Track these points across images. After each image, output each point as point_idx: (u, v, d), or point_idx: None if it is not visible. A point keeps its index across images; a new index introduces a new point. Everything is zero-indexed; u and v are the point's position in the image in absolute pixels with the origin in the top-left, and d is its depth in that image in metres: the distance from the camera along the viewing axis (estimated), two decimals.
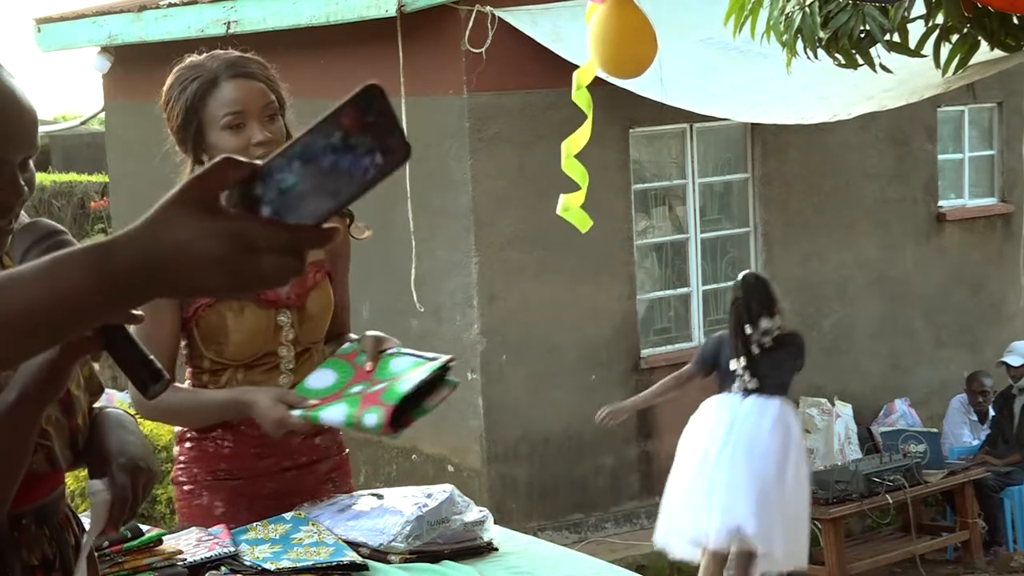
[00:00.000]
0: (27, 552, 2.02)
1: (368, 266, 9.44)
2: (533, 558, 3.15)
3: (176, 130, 3.35)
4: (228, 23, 9.60)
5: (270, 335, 3.36)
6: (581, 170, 4.84)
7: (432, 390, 3.12)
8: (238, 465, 3.36)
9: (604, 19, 4.38)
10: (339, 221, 3.52)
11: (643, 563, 8.62)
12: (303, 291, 3.42)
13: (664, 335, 9.85)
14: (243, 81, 3.31)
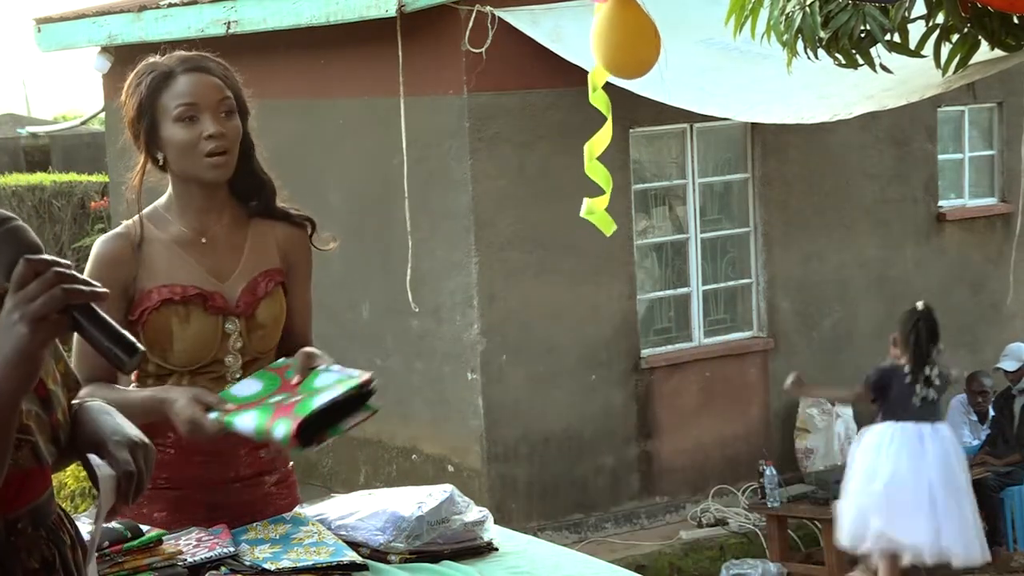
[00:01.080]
0: (26, 555, 2.02)
1: (368, 266, 9.44)
2: (533, 558, 3.15)
3: (130, 124, 3.34)
4: (228, 23, 9.60)
5: (216, 343, 3.27)
6: (605, 173, 4.82)
7: (353, 410, 3.02)
8: (181, 474, 3.26)
9: (607, 19, 4.37)
10: (296, 230, 3.43)
11: (643, 563, 8.63)
12: (253, 300, 3.32)
13: (664, 335, 9.85)
14: (198, 75, 3.28)
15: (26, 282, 1.84)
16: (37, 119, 22.02)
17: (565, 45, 8.54)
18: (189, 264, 3.27)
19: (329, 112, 9.66)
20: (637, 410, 9.54)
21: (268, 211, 3.41)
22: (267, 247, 3.39)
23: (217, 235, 3.35)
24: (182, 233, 3.33)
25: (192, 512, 3.20)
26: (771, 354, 10.09)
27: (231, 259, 3.34)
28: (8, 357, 1.83)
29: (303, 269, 3.47)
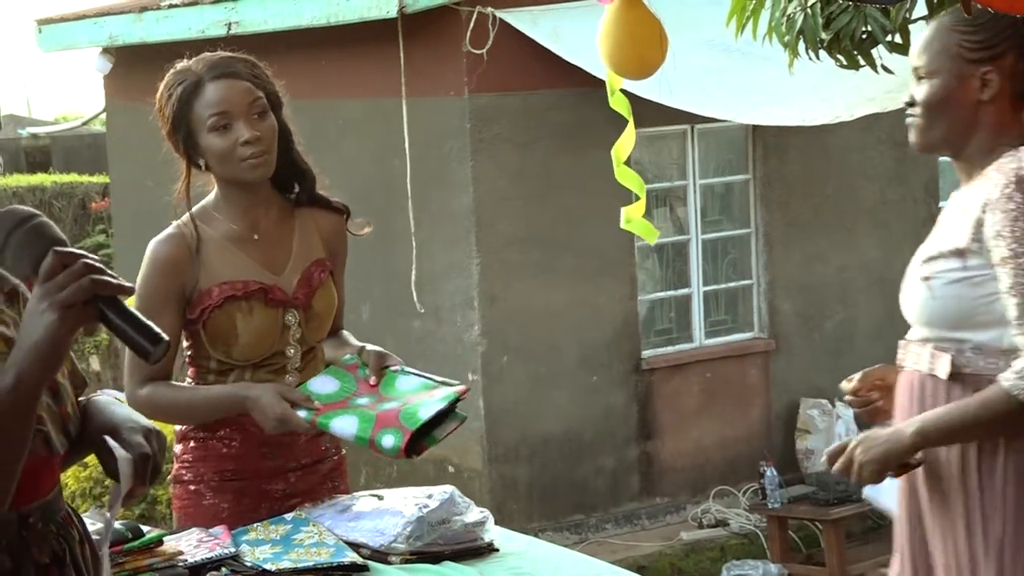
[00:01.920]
0: (37, 551, 2.05)
1: (369, 267, 9.44)
2: (534, 559, 3.16)
3: (168, 135, 3.38)
4: (229, 24, 9.60)
5: (278, 335, 3.37)
6: (636, 178, 4.82)
7: (442, 419, 3.19)
8: (245, 465, 3.36)
9: (614, 19, 4.38)
10: (336, 217, 3.59)
11: (643, 564, 8.63)
12: (309, 290, 3.43)
13: (665, 336, 9.85)
14: (226, 81, 3.33)
15: (55, 273, 1.90)
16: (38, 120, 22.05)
17: (566, 46, 8.54)
18: (244, 260, 3.35)
19: (330, 113, 9.66)
20: (638, 411, 9.54)
21: (310, 199, 3.52)
22: (313, 237, 3.50)
23: (267, 230, 3.44)
24: (233, 231, 3.40)
25: (256, 501, 3.33)
26: (772, 355, 10.09)
27: (283, 252, 3.44)
28: (36, 343, 1.89)
29: (342, 257, 3.66)
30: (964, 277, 3.02)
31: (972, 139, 3.12)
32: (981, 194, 3.00)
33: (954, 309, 3.03)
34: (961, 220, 3.04)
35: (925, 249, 3.17)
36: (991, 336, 3.00)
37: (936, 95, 3.10)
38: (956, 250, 3.02)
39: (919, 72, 3.13)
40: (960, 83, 3.08)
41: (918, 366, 3.10)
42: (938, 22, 3.15)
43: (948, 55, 3.08)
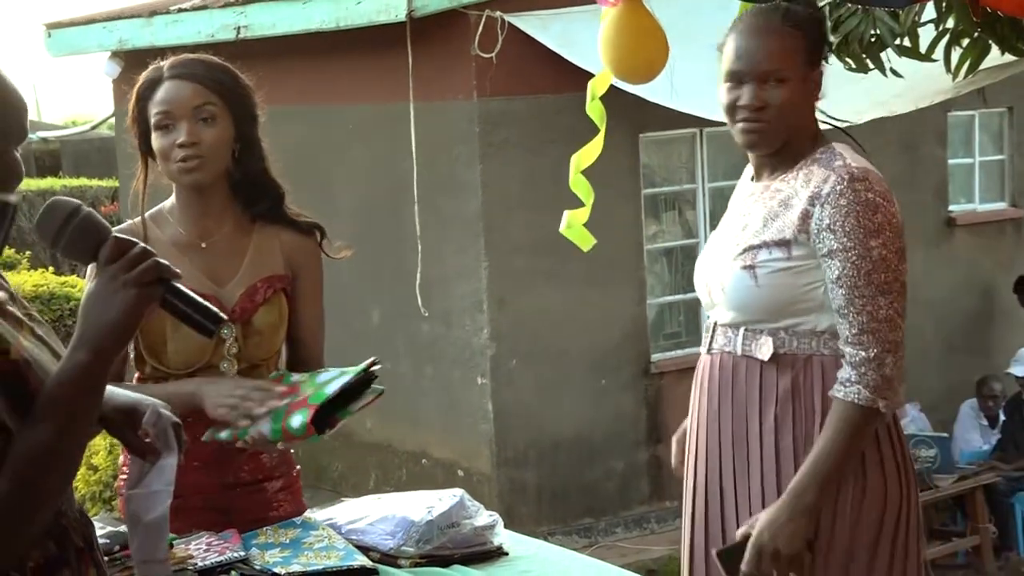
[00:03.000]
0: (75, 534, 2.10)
1: (378, 271, 9.44)
2: (543, 563, 3.16)
3: (128, 128, 3.39)
4: (238, 28, 9.61)
5: (209, 347, 3.25)
6: (587, 187, 4.82)
7: (359, 394, 3.13)
8: (180, 480, 3.24)
9: (615, 23, 4.38)
10: (304, 237, 3.43)
11: (653, 568, 8.62)
12: (250, 306, 3.31)
13: (674, 340, 9.84)
14: (179, 82, 3.30)
15: (117, 257, 2.01)
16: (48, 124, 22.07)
17: (575, 50, 8.53)
18: (185, 267, 3.25)
19: (339, 117, 9.67)
20: (647, 415, 9.54)
21: (274, 217, 3.40)
22: (271, 253, 3.38)
23: (217, 240, 3.36)
24: (181, 236, 3.35)
25: (193, 518, 3.19)
26: None
27: (231, 264, 3.34)
28: (115, 319, 1.98)
29: (311, 277, 3.44)
30: (789, 267, 3.15)
31: (796, 137, 3.23)
32: (805, 189, 3.14)
33: (777, 297, 3.16)
34: (785, 213, 3.15)
35: (736, 237, 3.27)
36: (807, 321, 3.16)
37: (790, 99, 3.17)
38: (782, 240, 3.14)
39: (770, 76, 3.17)
40: (804, 86, 3.20)
41: (729, 348, 3.24)
42: (770, 26, 3.21)
43: (796, 59, 3.18)
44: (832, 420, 3.09)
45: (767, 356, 3.18)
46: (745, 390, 3.23)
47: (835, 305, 3.11)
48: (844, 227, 3.08)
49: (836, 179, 3.10)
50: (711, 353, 3.31)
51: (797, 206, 3.14)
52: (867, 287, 3.11)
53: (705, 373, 3.32)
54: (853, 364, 3.09)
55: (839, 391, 3.09)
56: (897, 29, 4.91)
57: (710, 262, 3.34)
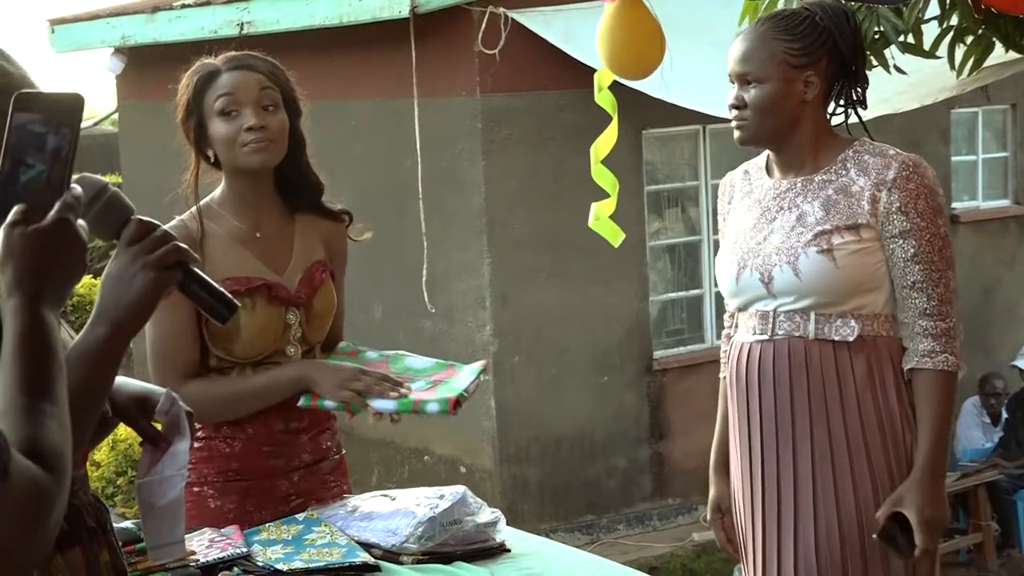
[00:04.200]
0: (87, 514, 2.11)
1: (381, 267, 9.44)
2: (545, 560, 3.16)
3: (182, 121, 3.40)
4: (241, 24, 9.61)
5: (279, 333, 3.36)
6: (611, 177, 4.84)
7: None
8: (249, 465, 3.34)
9: (612, 19, 4.39)
10: (336, 224, 3.59)
11: (655, 565, 8.63)
12: (311, 289, 3.42)
13: (677, 337, 9.84)
14: (240, 72, 3.37)
15: (139, 238, 2.03)
16: None
17: (578, 46, 8.54)
18: (248, 257, 3.36)
19: (342, 113, 9.67)
20: (649, 412, 9.54)
21: (312, 207, 3.53)
22: (313, 240, 3.50)
23: (269, 229, 3.44)
24: (237, 228, 3.41)
25: (260, 502, 3.31)
26: None
27: (284, 252, 3.44)
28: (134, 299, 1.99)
29: (342, 262, 3.61)
30: (860, 248, 3.37)
31: (796, 133, 3.48)
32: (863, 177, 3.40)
33: (855, 277, 3.37)
34: (847, 199, 3.39)
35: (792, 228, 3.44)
36: (872, 302, 3.40)
37: (765, 99, 3.42)
38: (853, 224, 3.37)
39: (747, 78, 3.45)
40: (787, 87, 3.42)
41: (799, 333, 3.41)
42: (757, 32, 3.48)
43: (775, 62, 3.42)
44: (930, 392, 3.36)
45: (853, 336, 3.37)
46: (822, 372, 3.40)
47: (909, 281, 3.37)
48: (916, 208, 3.33)
49: (899, 166, 3.37)
50: (774, 340, 3.45)
51: (861, 192, 3.38)
52: (941, 262, 3.38)
53: (767, 360, 3.47)
54: (935, 335, 3.37)
55: (927, 363, 3.36)
56: (901, 26, 4.91)
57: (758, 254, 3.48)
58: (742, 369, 3.53)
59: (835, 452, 3.39)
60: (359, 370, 3.29)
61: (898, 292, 3.39)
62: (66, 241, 1.77)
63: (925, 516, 3.27)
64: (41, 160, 1.77)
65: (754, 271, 3.47)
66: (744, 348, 3.53)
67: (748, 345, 3.51)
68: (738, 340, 3.59)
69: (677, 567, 8.84)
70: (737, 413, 3.58)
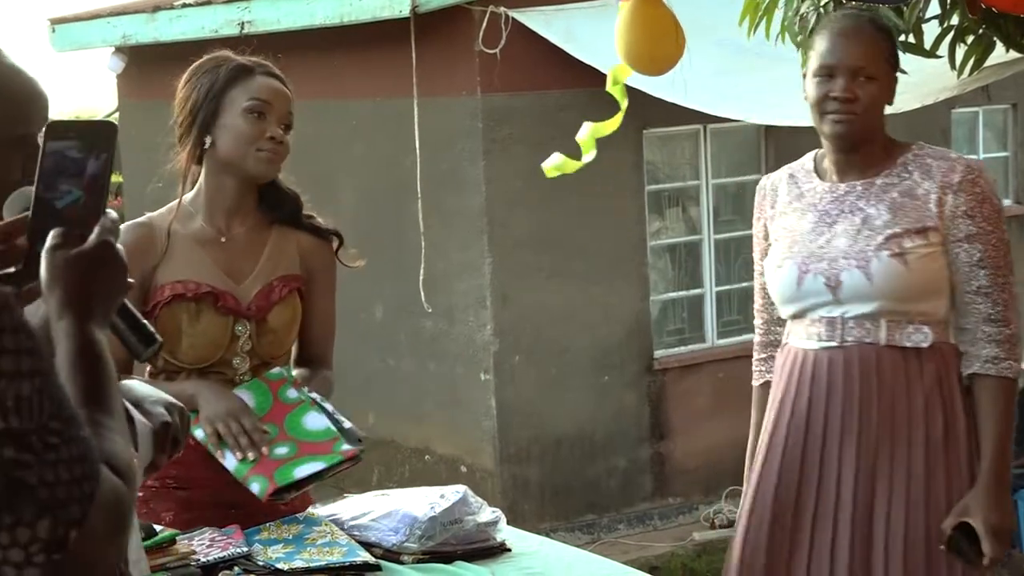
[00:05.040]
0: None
1: (381, 267, 9.44)
2: (546, 559, 3.16)
3: (192, 105, 3.34)
4: (242, 23, 9.61)
5: (225, 343, 3.30)
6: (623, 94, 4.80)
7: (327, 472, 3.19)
8: (188, 473, 3.25)
9: (632, 14, 4.38)
10: (322, 242, 3.50)
11: (656, 564, 8.62)
12: (266, 304, 3.34)
13: (677, 336, 9.84)
14: (275, 81, 3.37)
15: None
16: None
17: (579, 46, 8.53)
18: (206, 262, 3.30)
19: (342, 113, 9.67)
20: (650, 411, 9.54)
21: (293, 221, 3.46)
22: (287, 253, 3.42)
23: (238, 236, 3.38)
24: (203, 230, 3.37)
25: (200, 512, 3.22)
26: None
27: (248, 261, 3.37)
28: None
29: (325, 280, 3.50)
30: (929, 252, 3.35)
31: (877, 135, 3.48)
32: (927, 180, 3.38)
33: (926, 280, 3.35)
34: (913, 203, 3.37)
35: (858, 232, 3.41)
36: (937, 307, 3.39)
37: (877, 96, 3.40)
38: (922, 228, 3.34)
39: (863, 73, 3.38)
40: (889, 86, 3.45)
41: (870, 339, 3.37)
42: (864, 28, 3.45)
43: (883, 60, 3.43)
44: (993, 399, 3.36)
45: (928, 343, 3.36)
46: (893, 380, 3.37)
47: (974, 286, 3.36)
48: (982, 212, 3.33)
49: (964, 169, 3.36)
50: (844, 347, 3.40)
51: (927, 196, 3.36)
52: (1005, 267, 3.37)
53: (837, 367, 3.41)
54: (999, 341, 3.35)
55: (990, 369, 3.34)
56: (901, 26, 4.90)
57: (821, 259, 3.44)
58: (806, 376, 3.46)
59: (912, 456, 3.37)
60: (240, 411, 3.17)
61: (960, 297, 3.38)
62: (108, 261, 1.80)
63: (992, 524, 3.31)
64: (78, 185, 1.79)
65: (818, 276, 3.42)
66: (808, 356, 3.46)
67: (813, 352, 3.44)
68: (795, 346, 3.51)
69: (678, 567, 8.83)
70: (806, 422, 3.47)
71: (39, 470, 1.49)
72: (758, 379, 3.72)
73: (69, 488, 1.51)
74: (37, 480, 1.49)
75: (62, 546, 1.50)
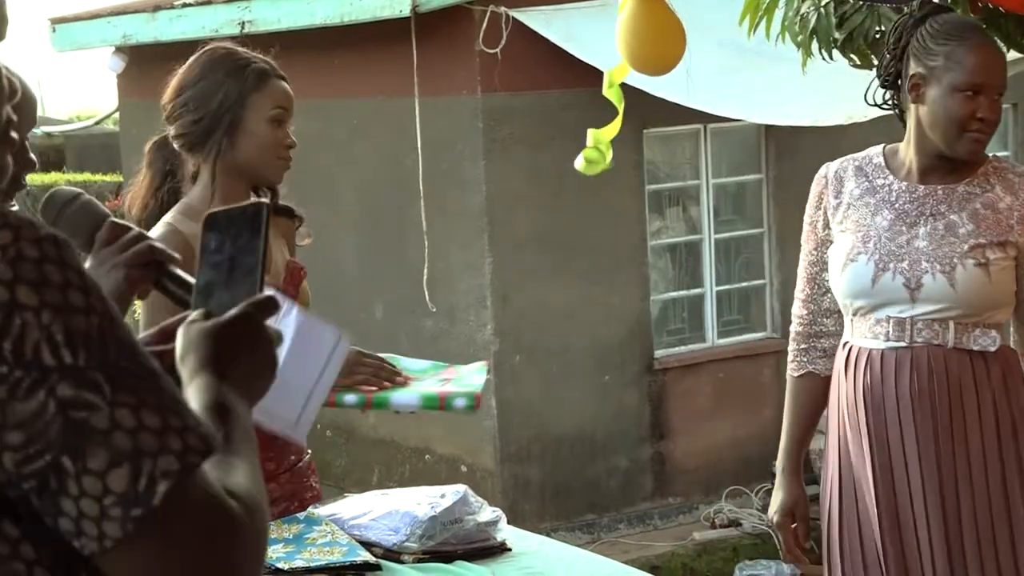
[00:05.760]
0: None
1: (382, 266, 9.44)
2: (546, 559, 3.15)
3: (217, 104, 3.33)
4: (242, 23, 9.61)
5: None
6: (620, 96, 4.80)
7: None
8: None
9: (632, 14, 4.38)
10: (290, 223, 3.58)
11: (656, 564, 8.62)
12: (295, 287, 3.44)
13: (678, 336, 9.84)
14: (287, 86, 3.41)
15: (112, 240, 2.05)
16: (51, 119, 22.06)
17: (579, 45, 8.53)
18: None
19: (343, 112, 9.67)
20: (650, 411, 9.54)
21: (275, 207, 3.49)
22: (281, 239, 3.50)
23: None
24: None
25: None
26: (785, 355, 10.06)
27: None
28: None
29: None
30: (1008, 264, 3.43)
31: None
32: (1008, 194, 3.45)
33: (1004, 292, 3.44)
34: (994, 215, 3.43)
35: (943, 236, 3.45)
36: (1004, 313, 3.49)
37: (999, 115, 3.46)
38: (1004, 241, 3.41)
39: (999, 91, 3.43)
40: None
41: (938, 341, 3.42)
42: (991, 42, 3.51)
43: None
44: None
45: (996, 347, 3.44)
46: (960, 381, 3.42)
47: None
48: None
49: None
50: (912, 347, 3.44)
51: (1009, 211, 3.44)
52: None
53: (904, 366, 3.45)
54: None
55: None
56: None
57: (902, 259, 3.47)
58: (875, 375, 3.48)
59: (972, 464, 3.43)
60: (358, 353, 3.21)
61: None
62: (249, 335, 1.66)
63: None
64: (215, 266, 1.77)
65: (898, 275, 3.45)
66: (875, 354, 3.49)
67: (880, 351, 3.47)
68: (860, 345, 3.53)
69: (678, 566, 8.84)
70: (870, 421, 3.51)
71: (111, 413, 1.34)
72: (797, 370, 3.76)
73: (160, 437, 1.35)
74: (108, 424, 1.34)
75: (146, 503, 1.34)
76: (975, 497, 3.42)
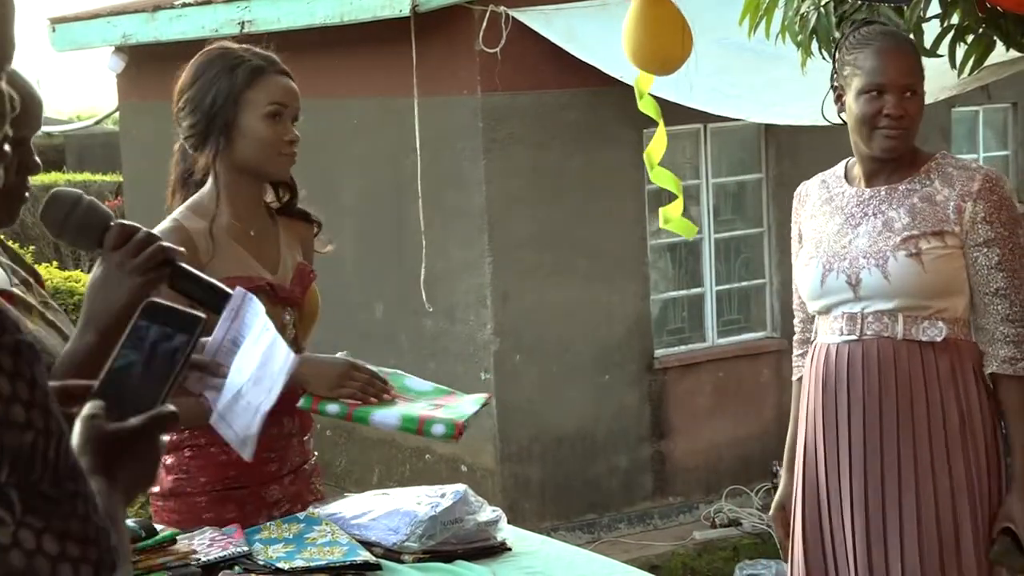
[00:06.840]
0: None
1: (381, 266, 9.44)
2: (546, 558, 3.15)
3: (209, 108, 3.33)
4: (242, 23, 9.61)
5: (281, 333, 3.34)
6: (672, 179, 4.91)
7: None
8: (248, 472, 3.28)
9: (638, 15, 4.38)
10: (308, 227, 3.57)
11: (656, 563, 8.62)
12: (303, 290, 3.43)
13: (678, 335, 9.84)
14: (287, 80, 3.39)
15: (121, 243, 2.07)
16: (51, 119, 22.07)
17: (580, 45, 8.53)
18: (246, 256, 3.36)
19: (343, 112, 9.67)
20: (650, 410, 9.54)
21: (290, 210, 3.52)
22: (294, 242, 3.50)
23: (260, 229, 3.43)
24: (232, 226, 3.39)
25: (258, 508, 3.30)
26: (784, 355, 10.07)
27: (274, 251, 3.44)
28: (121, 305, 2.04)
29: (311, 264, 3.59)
30: (945, 253, 3.54)
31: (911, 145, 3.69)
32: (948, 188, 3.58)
33: (941, 281, 3.54)
34: (932, 208, 3.57)
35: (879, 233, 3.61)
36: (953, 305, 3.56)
37: (920, 111, 3.60)
38: (939, 231, 3.54)
39: (911, 89, 3.57)
40: (924, 100, 3.64)
41: (888, 334, 3.56)
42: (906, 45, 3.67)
43: (920, 77, 3.63)
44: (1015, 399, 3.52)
45: (941, 337, 3.54)
46: (909, 372, 3.54)
47: (992, 288, 3.54)
48: (1000, 219, 3.53)
49: (983, 178, 3.57)
50: (863, 340, 3.59)
51: (946, 202, 3.56)
52: (1022, 270, 3.55)
53: (856, 359, 3.60)
54: (1016, 341, 3.52)
55: (1007, 369, 3.52)
56: (902, 25, 4.91)
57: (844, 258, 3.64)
58: (830, 368, 3.64)
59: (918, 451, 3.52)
60: (350, 365, 3.19)
61: (979, 298, 3.56)
62: (142, 447, 1.69)
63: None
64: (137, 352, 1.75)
65: (840, 274, 3.62)
66: (831, 349, 3.65)
67: (835, 346, 3.63)
68: (822, 342, 3.70)
69: (678, 566, 8.84)
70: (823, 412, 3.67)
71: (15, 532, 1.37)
72: (796, 374, 3.93)
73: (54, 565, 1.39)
74: (10, 541, 1.37)
75: None
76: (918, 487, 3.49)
